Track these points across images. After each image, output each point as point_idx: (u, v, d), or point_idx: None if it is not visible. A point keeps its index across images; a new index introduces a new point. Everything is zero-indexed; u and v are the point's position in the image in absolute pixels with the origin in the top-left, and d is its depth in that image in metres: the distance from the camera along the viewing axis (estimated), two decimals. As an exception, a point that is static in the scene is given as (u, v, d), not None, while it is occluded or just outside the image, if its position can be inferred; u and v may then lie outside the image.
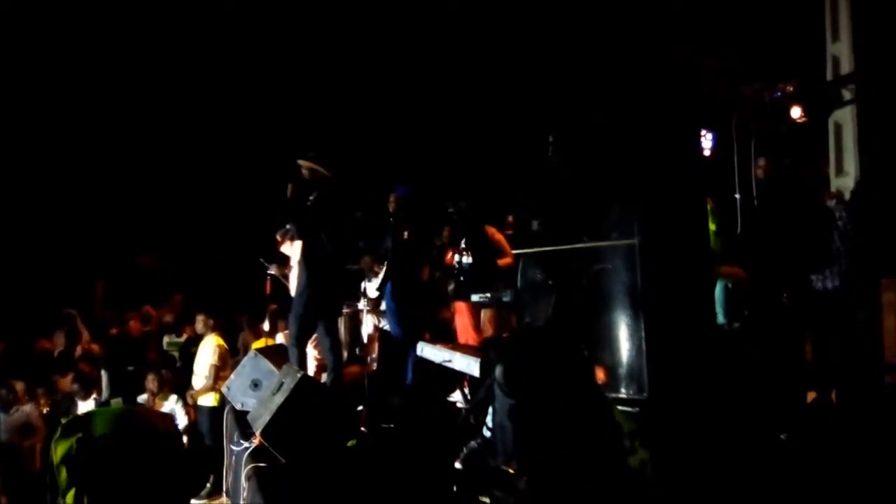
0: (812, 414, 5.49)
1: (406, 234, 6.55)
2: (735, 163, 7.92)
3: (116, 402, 3.23)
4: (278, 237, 7.12)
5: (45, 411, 7.45)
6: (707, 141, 7.64)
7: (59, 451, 2.92)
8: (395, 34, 10.76)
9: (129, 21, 11.37)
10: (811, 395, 5.65)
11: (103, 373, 3.18)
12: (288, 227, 6.86)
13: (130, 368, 3.23)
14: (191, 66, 11.88)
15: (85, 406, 6.74)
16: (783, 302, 5.86)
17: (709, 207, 5.52)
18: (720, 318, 5.32)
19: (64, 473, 2.89)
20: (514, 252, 6.11)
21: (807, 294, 5.86)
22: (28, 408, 7.14)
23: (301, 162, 5.71)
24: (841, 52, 7.97)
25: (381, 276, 6.92)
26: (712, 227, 5.85)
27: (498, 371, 2.95)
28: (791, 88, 8.08)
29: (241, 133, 12.60)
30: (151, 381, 7.26)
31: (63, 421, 3.19)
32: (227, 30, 11.38)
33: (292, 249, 6.87)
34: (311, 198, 5.59)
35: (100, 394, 6.73)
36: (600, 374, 4.28)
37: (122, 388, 3.21)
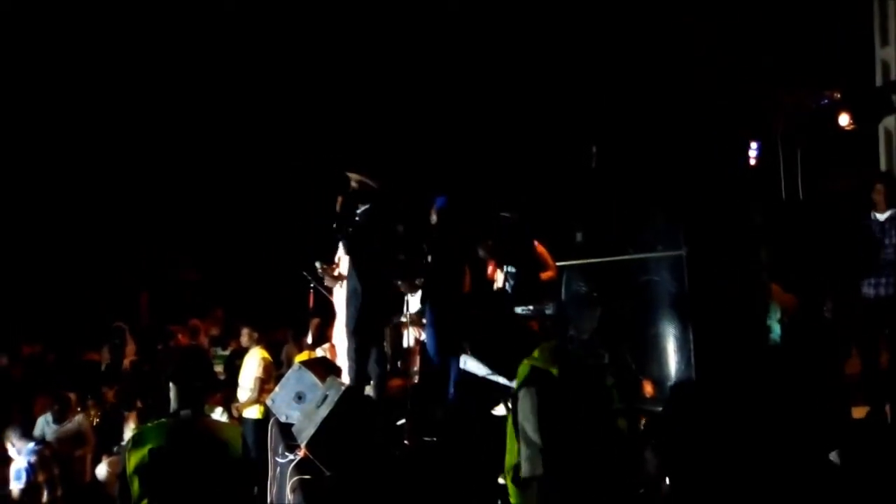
0: (865, 430, 5.33)
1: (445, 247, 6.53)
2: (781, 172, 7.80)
3: (186, 413, 3.26)
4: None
5: (95, 422, 7.62)
6: (752, 150, 7.52)
7: (132, 460, 2.96)
8: (439, 45, 10.80)
9: (171, 36, 11.58)
10: (864, 410, 5.49)
11: (171, 385, 3.22)
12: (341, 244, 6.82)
13: (199, 383, 3.28)
14: (238, 85, 12.06)
15: (133, 419, 6.87)
16: (826, 314, 5.72)
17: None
18: (774, 335, 5.22)
19: (136, 484, 2.93)
20: (558, 264, 6.07)
21: (854, 303, 5.71)
22: (79, 418, 7.30)
23: (350, 174, 5.75)
24: (890, 57, 7.81)
25: (421, 290, 6.90)
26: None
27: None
28: (838, 95, 7.94)
29: (284, 148, 12.76)
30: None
31: (133, 431, 3.25)
32: (272, 48, 11.54)
33: (341, 258, 6.89)
34: (358, 211, 5.64)
35: (148, 407, 6.84)
36: (648, 388, 4.23)
37: (191, 401, 3.25)
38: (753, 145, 7.50)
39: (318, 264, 6.87)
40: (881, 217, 5.51)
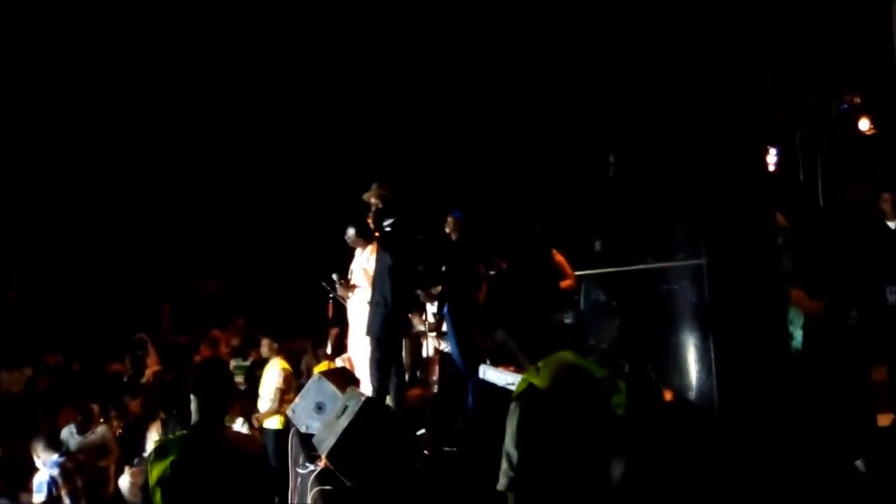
0: (891, 437, 5.25)
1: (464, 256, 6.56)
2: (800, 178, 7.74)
3: (207, 425, 3.30)
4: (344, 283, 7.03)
5: (118, 433, 7.69)
6: (771, 156, 7.47)
7: (154, 472, 2.99)
8: (453, 53, 10.83)
9: (186, 44, 11.67)
10: (889, 418, 5.41)
11: (192, 397, 3.26)
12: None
13: (219, 394, 3.33)
14: (263, 97, 12.14)
15: (155, 429, 6.93)
16: (851, 321, 5.67)
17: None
18: (796, 342, 5.17)
19: (159, 495, 2.97)
20: (577, 273, 6.07)
21: (879, 310, 5.65)
22: (102, 429, 7.36)
23: (366, 196, 5.87)
24: (911, 60, 7.71)
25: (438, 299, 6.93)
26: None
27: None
28: (858, 99, 7.87)
29: (302, 160, 12.85)
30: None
31: (155, 443, 3.29)
32: (289, 59, 11.62)
33: (354, 270, 6.93)
34: (386, 224, 5.74)
35: (170, 418, 6.90)
36: (668, 397, 4.20)
37: (212, 412, 3.29)
38: (772, 151, 7.45)
39: (335, 276, 6.93)
40: (892, 225, 5.52)
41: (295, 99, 12.15)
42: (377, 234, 5.91)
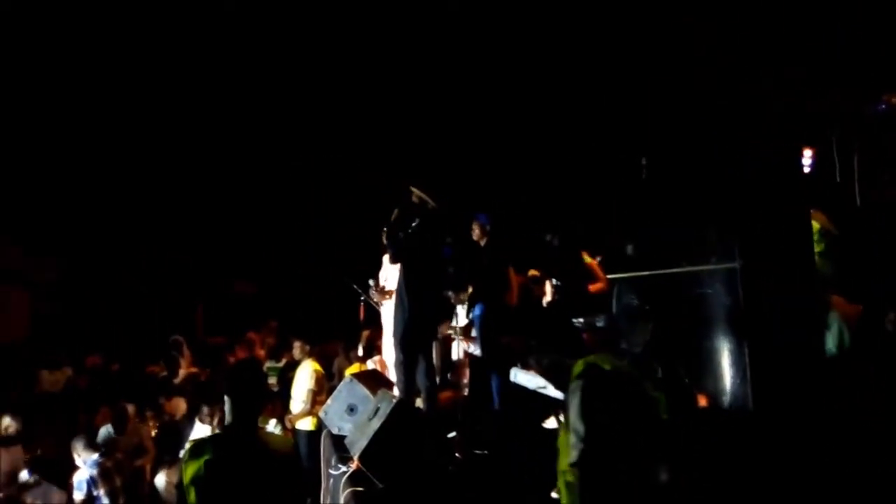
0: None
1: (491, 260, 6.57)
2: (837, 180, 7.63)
3: (240, 425, 3.36)
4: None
5: (153, 433, 7.83)
6: (807, 158, 7.37)
7: (188, 471, 3.06)
8: (483, 59, 10.81)
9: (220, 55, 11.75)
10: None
11: (226, 399, 3.32)
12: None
13: (253, 396, 3.39)
14: (295, 99, 12.22)
15: (201, 429, 7.01)
16: (889, 325, 5.57)
17: (816, 227, 5.32)
18: (830, 348, 5.09)
19: (193, 494, 3.03)
20: (610, 277, 6.04)
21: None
22: (139, 429, 7.49)
23: (414, 189, 5.87)
24: (952, 59, 7.56)
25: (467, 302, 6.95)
26: (818, 248, 5.61)
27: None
28: (896, 100, 7.74)
29: (335, 164, 12.93)
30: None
31: (190, 443, 3.36)
32: (320, 65, 11.69)
33: (388, 276, 6.97)
34: (413, 224, 5.75)
35: (220, 419, 7.00)
36: (702, 402, 4.17)
37: (245, 413, 3.35)
38: (807, 153, 7.36)
39: (370, 281, 6.97)
40: None
41: (329, 105, 12.21)
42: (385, 229, 5.89)
